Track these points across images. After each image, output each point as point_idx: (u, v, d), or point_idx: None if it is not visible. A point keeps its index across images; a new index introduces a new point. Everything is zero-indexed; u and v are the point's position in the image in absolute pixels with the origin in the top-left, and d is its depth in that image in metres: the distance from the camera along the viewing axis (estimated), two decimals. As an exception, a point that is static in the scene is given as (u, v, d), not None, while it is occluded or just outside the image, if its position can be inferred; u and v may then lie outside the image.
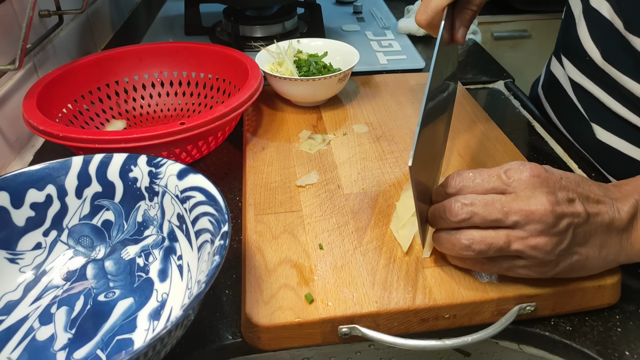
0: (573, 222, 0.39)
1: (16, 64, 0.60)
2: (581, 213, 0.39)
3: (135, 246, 0.48)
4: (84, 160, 0.48)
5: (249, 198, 0.54)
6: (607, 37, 0.58)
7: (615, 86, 0.59)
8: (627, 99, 0.58)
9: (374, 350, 0.49)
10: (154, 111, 0.74)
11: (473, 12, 0.54)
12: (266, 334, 0.41)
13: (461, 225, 0.40)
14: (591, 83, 0.62)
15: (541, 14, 1.42)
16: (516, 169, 0.40)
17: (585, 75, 0.63)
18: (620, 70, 0.57)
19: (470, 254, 0.40)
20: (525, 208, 0.38)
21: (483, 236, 0.39)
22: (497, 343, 0.47)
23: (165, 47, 0.74)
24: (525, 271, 0.41)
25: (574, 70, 0.65)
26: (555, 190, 0.39)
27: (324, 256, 0.46)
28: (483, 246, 0.39)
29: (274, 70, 0.71)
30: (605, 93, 0.61)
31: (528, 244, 0.38)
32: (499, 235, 0.39)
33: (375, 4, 1.17)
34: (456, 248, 0.41)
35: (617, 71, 0.57)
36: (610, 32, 0.57)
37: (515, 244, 0.39)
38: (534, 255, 0.39)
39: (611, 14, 0.57)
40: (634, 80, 0.55)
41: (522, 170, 0.40)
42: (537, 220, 0.38)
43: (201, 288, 0.34)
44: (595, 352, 0.42)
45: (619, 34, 0.56)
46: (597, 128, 0.63)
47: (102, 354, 0.41)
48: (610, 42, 0.58)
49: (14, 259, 0.45)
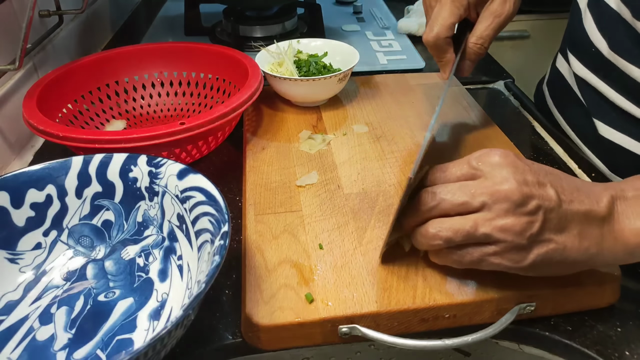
0: (543, 205, 0.37)
1: (16, 64, 0.60)
2: (552, 197, 0.38)
3: (135, 246, 0.48)
4: (84, 160, 0.48)
5: (249, 198, 0.54)
6: (614, 27, 0.58)
7: (620, 78, 0.58)
8: (631, 92, 0.58)
9: (374, 350, 0.49)
10: (154, 111, 0.74)
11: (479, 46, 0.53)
12: (266, 334, 0.41)
13: (432, 214, 0.40)
14: (595, 77, 0.62)
15: (541, 14, 1.42)
16: (485, 153, 0.40)
17: (590, 70, 0.63)
18: (628, 59, 0.56)
19: (439, 242, 0.39)
20: (491, 187, 0.38)
21: (450, 223, 0.39)
22: (497, 343, 0.47)
23: (165, 47, 0.74)
24: (498, 259, 0.38)
25: (579, 65, 0.65)
26: (524, 173, 0.38)
27: (324, 256, 0.46)
28: (450, 233, 0.38)
29: (274, 70, 0.71)
30: (609, 87, 0.60)
31: (495, 225, 0.37)
32: (466, 221, 0.38)
33: (375, 4, 1.17)
34: (425, 239, 0.40)
35: (624, 61, 0.57)
36: (618, 22, 0.57)
37: (482, 227, 0.37)
38: (502, 238, 0.37)
39: (618, 4, 0.57)
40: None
41: (491, 154, 0.40)
42: (503, 199, 0.37)
43: (201, 288, 0.34)
44: (595, 352, 0.42)
45: (626, 24, 0.56)
46: (599, 124, 0.63)
47: (102, 354, 0.41)
48: (617, 32, 0.58)
49: (14, 259, 0.45)
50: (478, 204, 0.38)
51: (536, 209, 0.37)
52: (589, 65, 0.64)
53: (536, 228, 0.37)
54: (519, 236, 0.37)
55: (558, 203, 0.38)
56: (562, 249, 0.38)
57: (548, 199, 0.38)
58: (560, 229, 0.38)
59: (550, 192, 0.38)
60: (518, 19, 1.42)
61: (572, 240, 0.38)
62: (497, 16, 0.53)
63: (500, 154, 0.39)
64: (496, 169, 0.39)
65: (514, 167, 0.38)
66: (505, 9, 0.53)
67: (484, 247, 0.39)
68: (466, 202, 0.38)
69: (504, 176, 0.38)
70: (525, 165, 0.39)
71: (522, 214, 0.37)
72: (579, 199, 0.39)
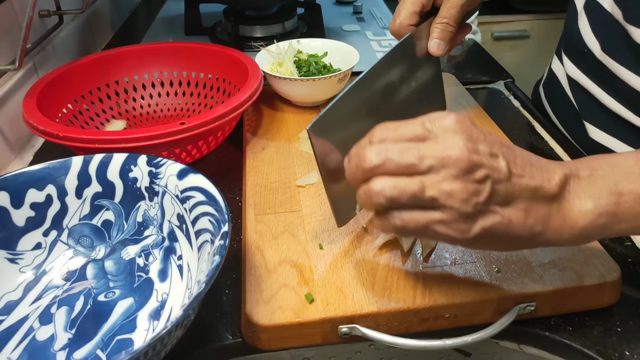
0: (492, 176, 0.36)
1: (16, 64, 0.60)
2: (502, 169, 0.37)
3: (135, 246, 0.48)
4: (84, 160, 0.48)
5: (249, 198, 0.54)
6: (607, 28, 0.58)
7: (611, 80, 0.59)
8: (621, 94, 0.58)
9: (374, 350, 0.49)
10: (154, 111, 0.74)
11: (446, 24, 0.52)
12: (266, 333, 0.41)
13: (375, 172, 0.37)
14: (587, 79, 0.62)
15: (541, 14, 1.42)
16: (440, 116, 0.38)
17: (582, 71, 0.63)
18: (619, 61, 0.57)
19: (381, 201, 0.37)
20: (440, 151, 0.36)
21: (396, 182, 0.37)
22: (497, 343, 0.47)
23: (165, 47, 0.74)
24: (444, 228, 0.37)
25: (572, 66, 0.66)
26: (477, 141, 0.37)
27: (324, 256, 0.46)
28: (395, 192, 0.36)
29: (274, 70, 0.71)
30: (600, 89, 0.61)
31: (442, 189, 0.36)
32: (412, 181, 0.36)
33: (375, 4, 1.17)
34: (368, 197, 0.38)
35: (615, 63, 0.57)
36: (610, 23, 0.57)
37: (429, 190, 0.36)
38: (449, 204, 0.36)
39: (611, 6, 0.57)
40: (631, 71, 0.56)
41: (446, 117, 0.38)
42: (452, 164, 0.36)
43: (201, 288, 0.34)
44: (595, 352, 0.42)
45: (619, 25, 0.56)
46: (590, 127, 0.63)
47: (102, 354, 0.41)
48: (609, 34, 0.58)
49: (14, 259, 0.45)
50: (425, 167, 0.36)
51: (484, 178, 0.36)
52: (581, 66, 0.64)
53: (483, 197, 0.36)
54: (465, 203, 0.36)
55: (507, 176, 0.37)
56: (507, 223, 0.37)
57: (497, 170, 0.37)
58: (507, 202, 0.37)
59: (501, 163, 0.37)
60: (518, 19, 1.42)
61: (518, 216, 0.37)
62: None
63: (456, 119, 0.38)
64: (449, 133, 0.37)
65: (467, 134, 0.37)
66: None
67: (430, 212, 0.37)
68: (413, 165, 0.36)
69: (456, 142, 0.36)
70: (480, 134, 0.38)
71: (469, 181, 0.36)
72: (530, 174, 0.38)
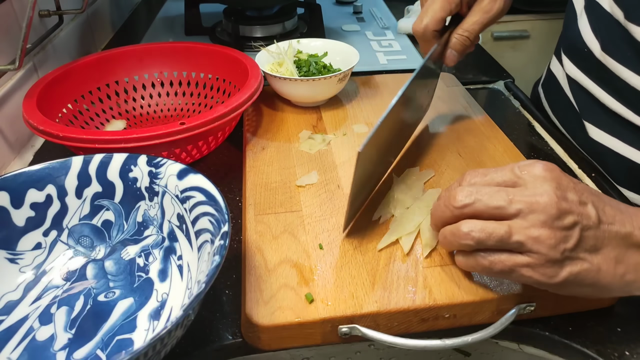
0: (581, 222, 0.37)
1: (16, 64, 0.60)
2: (591, 216, 0.37)
3: (135, 246, 0.48)
4: (84, 160, 0.48)
5: (249, 198, 0.54)
6: (607, 28, 0.58)
7: (610, 79, 0.59)
8: (621, 94, 0.58)
9: (374, 350, 0.49)
10: (154, 111, 0.74)
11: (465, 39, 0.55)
12: (266, 334, 0.41)
13: (463, 213, 0.39)
14: (587, 78, 0.63)
15: (541, 14, 1.42)
16: (531, 163, 0.39)
17: (582, 70, 0.64)
18: (619, 60, 0.57)
19: (469, 242, 0.38)
20: (530, 197, 0.37)
21: (484, 225, 0.38)
22: (497, 343, 0.47)
23: (165, 47, 0.74)
24: (530, 272, 0.38)
25: (572, 65, 0.66)
26: (566, 189, 0.38)
27: (324, 256, 0.46)
28: (483, 234, 0.38)
29: (274, 70, 0.71)
30: (599, 88, 0.61)
31: (530, 235, 0.37)
32: (500, 225, 0.37)
33: (375, 4, 1.17)
34: (456, 238, 0.39)
35: (615, 62, 0.57)
36: (610, 23, 0.58)
37: (516, 235, 0.37)
38: (536, 249, 0.37)
39: (611, 6, 0.58)
40: (631, 70, 0.56)
41: (536, 165, 0.39)
42: (541, 210, 0.36)
43: (201, 288, 0.34)
44: (595, 352, 0.42)
45: (619, 25, 0.56)
46: (589, 127, 0.63)
47: (102, 354, 0.41)
48: (609, 33, 0.58)
49: (14, 259, 0.45)
50: (514, 210, 0.37)
51: (573, 225, 0.37)
52: (581, 66, 0.64)
53: (571, 244, 0.37)
54: (553, 249, 0.36)
55: (597, 223, 0.37)
56: (596, 270, 0.37)
57: (587, 217, 0.37)
58: (597, 249, 0.37)
59: (590, 210, 0.37)
60: (518, 19, 1.42)
61: (608, 264, 0.37)
62: (486, 12, 0.54)
63: (545, 167, 0.39)
64: (538, 180, 0.38)
65: (557, 182, 0.38)
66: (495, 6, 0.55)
67: (516, 256, 0.38)
68: (502, 207, 0.37)
69: (545, 189, 0.37)
70: (569, 182, 0.38)
71: (558, 227, 0.36)
72: (620, 222, 0.38)
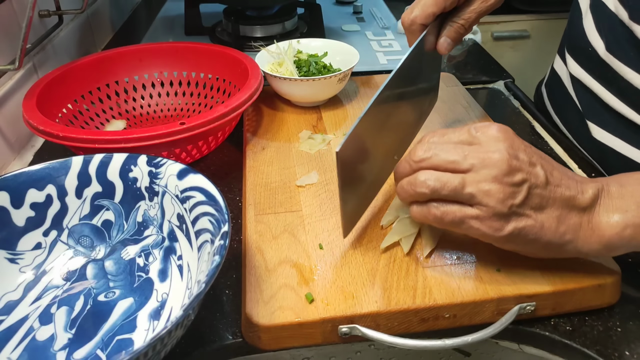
0: (529, 180, 0.39)
1: (16, 64, 0.60)
2: (540, 176, 0.40)
3: (135, 246, 0.48)
4: (84, 160, 0.48)
5: (249, 198, 0.54)
6: (612, 28, 0.59)
7: (614, 80, 0.59)
8: (625, 94, 0.58)
9: (374, 350, 0.49)
10: (154, 111, 0.74)
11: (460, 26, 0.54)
12: (266, 333, 0.41)
13: (421, 165, 0.42)
14: (590, 78, 0.63)
15: (541, 14, 1.42)
16: (486, 125, 0.42)
17: (586, 70, 0.64)
18: (623, 61, 0.57)
19: (424, 191, 0.41)
20: (483, 154, 0.40)
21: (440, 174, 0.41)
22: (497, 343, 0.47)
23: (165, 47, 0.74)
24: (478, 224, 0.40)
25: (575, 65, 0.66)
26: (517, 149, 0.40)
27: (324, 256, 0.46)
28: (438, 183, 0.40)
29: (274, 70, 0.71)
30: (603, 88, 0.61)
31: (481, 188, 0.39)
32: (454, 177, 0.40)
33: (375, 4, 1.17)
34: (412, 186, 0.42)
35: (619, 62, 0.57)
36: (615, 23, 0.58)
37: (469, 187, 0.39)
38: (485, 202, 0.39)
39: (616, 6, 0.58)
40: (635, 71, 0.56)
41: (491, 127, 0.42)
42: (492, 166, 0.39)
43: (201, 288, 0.34)
44: (595, 352, 0.42)
45: (623, 25, 0.56)
46: (592, 126, 0.63)
47: (102, 354, 0.41)
48: (614, 34, 0.58)
49: (14, 259, 0.45)
50: (468, 165, 0.40)
51: (521, 182, 0.39)
52: (584, 65, 0.64)
53: (518, 200, 0.39)
54: (501, 203, 0.39)
55: (544, 183, 0.40)
56: (539, 227, 0.40)
57: (535, 176, 0.40)
58: (541, 207, 0.40)
59: (539, 171, 0.40)
60: (518, 19, 1.42)
61: (550, 222, 0.40)
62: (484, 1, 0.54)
63: (500, 128, 0.42)
64: (492, 140, 0.41)
65: (510, 142, 0.41)
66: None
67: (467, 208, 0.40)
68: (456, 161, 0.40)
69: (498, 147, 0.40)
70: (521, 144, 0.41)
71: (507, 183, 0.39)
72: (566, 185, 0.41)
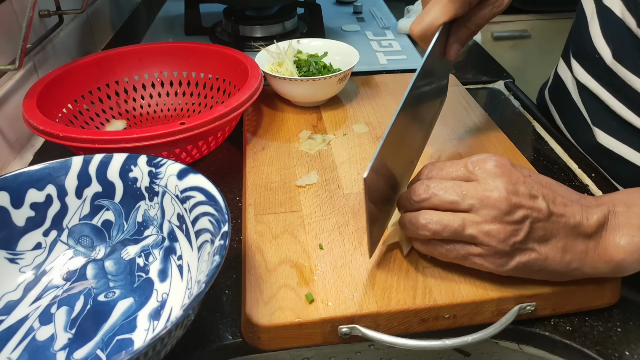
0: (531, 215, 0.39)
1: (16, 64, 0.60)
2: (542, 209, 0.39)
3: (135, 246, 0.48)
4: (84, 160, 0.48)
5: (249, 198, 0.54)
6: (619, 36, 0.58)
7: (621, 87, 0.59)
8: (632, 101, 0.58)
9: (374, 350, 0.49)
10: (154, 111, 0.74)
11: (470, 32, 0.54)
12: (266, 334, 0.41)
13: (422, 206, 0.42)
14: (597, 84, 0.62)
15: (541, 14, 1.42)
16: (482, 159, 0.42)
17: (592, 76, 0.63)
18: (630, 69, 0.57)
19: (426, 233, 0.41)
20: (481, 193, 0.39)
21: (440, 217, 0.40)
22: (497, 343, 0.47)
23: (165, 47, 0.74)
24: (481, 261, 0.41)
25: (582, 71, 0.65)
26: (516, 183, 0.40)
27: (324, 256, 0.46)
28: (439, 226, 0.40)
29: (274, 70, 0.71)
30: (610, 95, 0.61)
31: (481, 230, 0.39)
32: (455, 218, 0.40)
33: (375, 4, 1.17)
34: (414, 228, 0.42)
35: (627, 70, 0.57)
36: (622, 31, 0.58)
37: (469, 229, 0.39)
38: (487, 242, 0.39)
39: (623, 13, 0.57)
40: None
41: (487, 160, 0.41)
42: (491, 206, 0.39)
43: (201, 288, 0.34)
44: (595, 352, 0.42)
45: (631, 33, 0.56)
46: (598, 132, 0.63)
47: (102, 354, 0.41)
48: (621, 41, 0.58)
49: (14, 259, 0.45)
50: (467, 205, 0.40)
51: (523, 219, 0.39)
52: (591, 72, 0.64)
53: (520, 237, 0.39)
54: (502, 243, 0.39)
55: (547, 215, 0.39)
56: (544, 259, 0.40)
57: (537, 209, 0.39)
58: (545, 239, 0.40)
59: (540, 204, 0.39)
60: (518, 19, 1.42)
61: (555, 253, 0.40)
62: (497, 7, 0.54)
63: (497, 162, 0.41)
64: (490, 176, 0.40)
65: (508, 177, 0.40)
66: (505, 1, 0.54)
67: (469, 246, 0.41)
68: (456, 202, 0.40)
69: (496, 184, 0.39)
70: (520, 176, 0.40)
71: (507, 222, 0.39)
72: (570, 212, 0.40)
